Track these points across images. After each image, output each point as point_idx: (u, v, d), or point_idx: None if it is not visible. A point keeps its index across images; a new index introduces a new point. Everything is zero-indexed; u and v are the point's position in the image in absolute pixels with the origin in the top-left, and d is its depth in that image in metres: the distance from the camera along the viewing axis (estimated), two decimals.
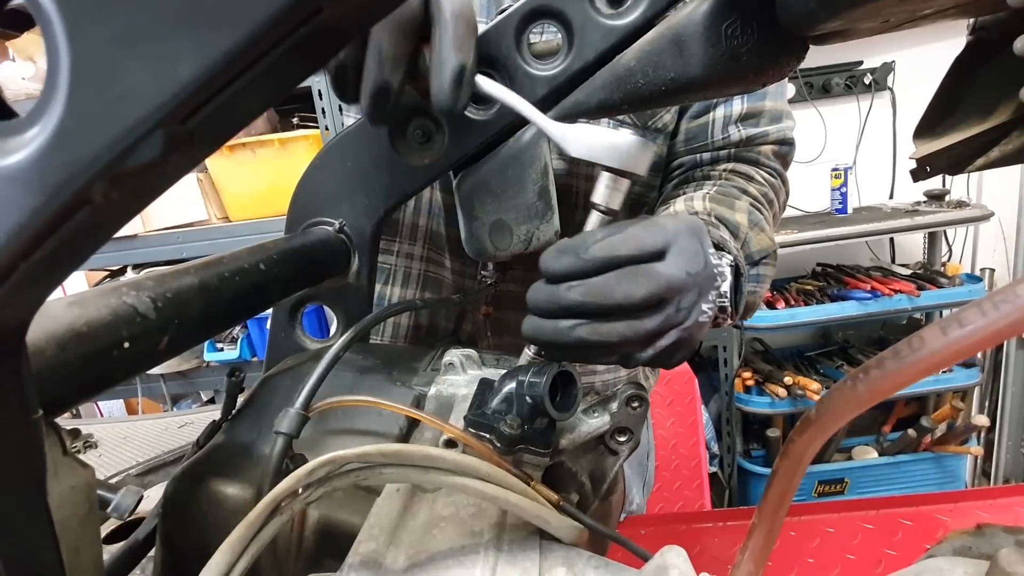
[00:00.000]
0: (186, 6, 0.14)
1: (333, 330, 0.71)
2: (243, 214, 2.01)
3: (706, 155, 0.81)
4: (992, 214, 2.22)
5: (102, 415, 2.53)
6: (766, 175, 0.78)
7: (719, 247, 0.62)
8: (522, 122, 0.56)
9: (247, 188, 1.97)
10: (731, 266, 0.60)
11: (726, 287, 0.58)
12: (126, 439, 1.11)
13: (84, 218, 0.17)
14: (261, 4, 0.14)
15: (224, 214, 2.06)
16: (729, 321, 0.61)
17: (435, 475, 0.37)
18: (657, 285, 0.45)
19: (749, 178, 0.76)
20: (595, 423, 0.47)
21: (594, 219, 0.49)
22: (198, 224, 2.03)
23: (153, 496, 0.62)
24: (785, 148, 0.81)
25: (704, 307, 0.49)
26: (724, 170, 0.78)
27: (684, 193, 0.74)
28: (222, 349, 2.12)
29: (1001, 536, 0.35)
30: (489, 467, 0.38)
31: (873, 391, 0.21)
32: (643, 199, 0.84)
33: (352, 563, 0.36)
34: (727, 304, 0.59)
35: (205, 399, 2.40)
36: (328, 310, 0.69)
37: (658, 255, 0.46)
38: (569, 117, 0.53)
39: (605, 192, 0.48)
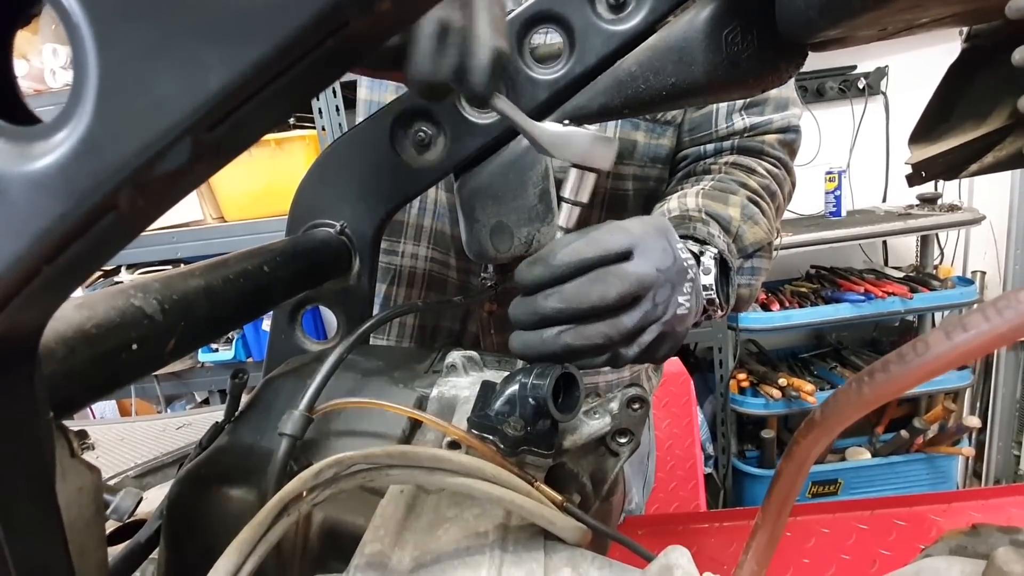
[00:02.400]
0: (216, 19, 0.15)
1: (332, 332, 0.71)
2: (239, 214, 2.00)
3: (710, 146, 0.80)
4: (983, 217, 2.24)
5: (94, 416, 2.51)
6: (769, 166, 0.78)
7: (705, 242, 0.63)
8: None
9: (243, 188, 1.96)
10: (715, 259, 0.61)
11: (710, 280, 0.59)
12: (123, 440, 1.10)
13: (109, 223, 0.17)
14: (289, 18, 0.15)
15: (219, 214, 2.05)
16: (720, 312, 0.62)
17: (440, 476, 0.37)
18: (629, 283, 0.46)
19: (750, 171, 0.76)
20: (596, 425, 0.47)
21: (565, 211, 0.50)
22: (193, 224, 2.02)
23: (152, 498, 0.62)
24: (791, 135, 0.81)
25: (680, 299, 0.51)
26: (725, 163, 0.77)
27: (681, 189, 0.75)
28: (217, 350, 2.11)
29: (996, 536, 0.35)
30: (494, 468, 0.38)
31: (878, 394, 0.21)
32: (656, 193, 0.84)
33: (358, 564, 0.36)
34: (715, 296, 0.60)
35: (199, 400, 2.39)
36: (327, 311, 0.69)
37: (625, 255, 0.48)
38: (568, 120, 0.54)
39: (573, 186, 0.49)
